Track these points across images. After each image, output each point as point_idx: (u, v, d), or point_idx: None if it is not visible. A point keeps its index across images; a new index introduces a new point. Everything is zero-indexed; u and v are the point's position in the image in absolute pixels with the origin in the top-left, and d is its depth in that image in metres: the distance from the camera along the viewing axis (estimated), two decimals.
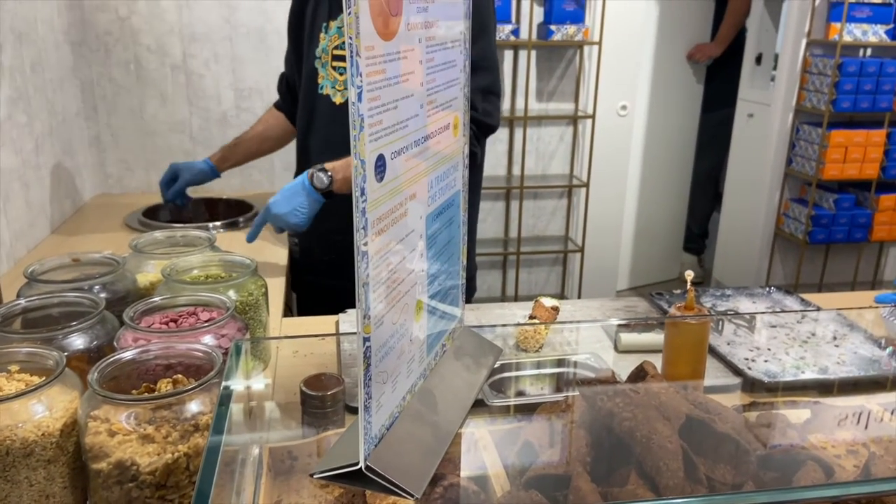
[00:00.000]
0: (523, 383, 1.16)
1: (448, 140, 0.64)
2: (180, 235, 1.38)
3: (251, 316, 1.14)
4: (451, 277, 0.70)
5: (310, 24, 1.56)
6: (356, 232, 0.46)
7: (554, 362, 1.19)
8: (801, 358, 1.22)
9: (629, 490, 0.67)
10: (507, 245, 3.31)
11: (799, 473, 0.68)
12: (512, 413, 1.04)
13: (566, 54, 3.12)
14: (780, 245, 3.44)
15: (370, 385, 0.51)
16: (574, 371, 1.17)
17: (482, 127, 1.52)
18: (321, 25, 1.56)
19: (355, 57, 0.43)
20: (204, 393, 0.82)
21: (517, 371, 1.17)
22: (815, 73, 3.11)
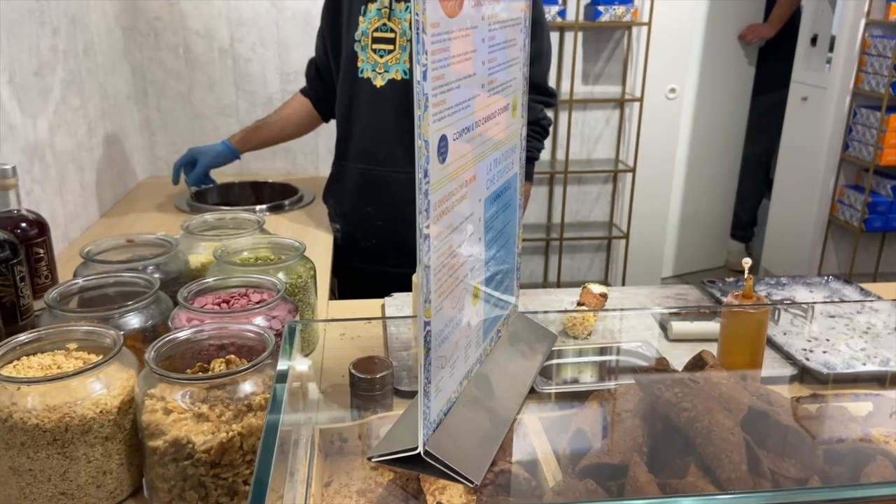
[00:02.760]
0: (572, 371, 1.14)
1: (507, 121, 0.63)
2: (230, 218, 1.39)
3: (300, 298, 1.14)
4: (506, 262, 0.69)
5: (348, 6, 1.55)
6: (419, 214, 0.45)
7: (603, 350, 1.17)
8: (862, 349, 1.17)
9: (689, 482, 0.65)
10: (549, 231, 3.28)
11: (868, 469, 0.65)
12: (562, 400, 1.02)
13: (614, 35, 3.05)
14: (833, 233, 3.33)
15: (430, 370, 0.50)
16: (623, 359, 1.14)
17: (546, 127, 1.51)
18: (360, 8, 1.54)
19: (421, 34, 0.42)
20: (256, 374, 0.82)
21: (566, 358, 1.15)
22: (874, 54, 2.99)
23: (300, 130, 1.93)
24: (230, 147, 1.92)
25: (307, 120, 1.88)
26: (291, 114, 1.87)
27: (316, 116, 1.87)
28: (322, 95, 1.80)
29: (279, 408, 0.63)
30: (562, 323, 1.20)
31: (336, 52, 1.61)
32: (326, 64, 1.70)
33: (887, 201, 3.06)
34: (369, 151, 1.58)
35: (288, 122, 1.88)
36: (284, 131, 1.91)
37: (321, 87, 1.78)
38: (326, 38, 1.65)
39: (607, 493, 0.68)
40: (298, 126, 1.90)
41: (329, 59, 1.67)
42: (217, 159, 1.93)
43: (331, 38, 1.62)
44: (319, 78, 1.77)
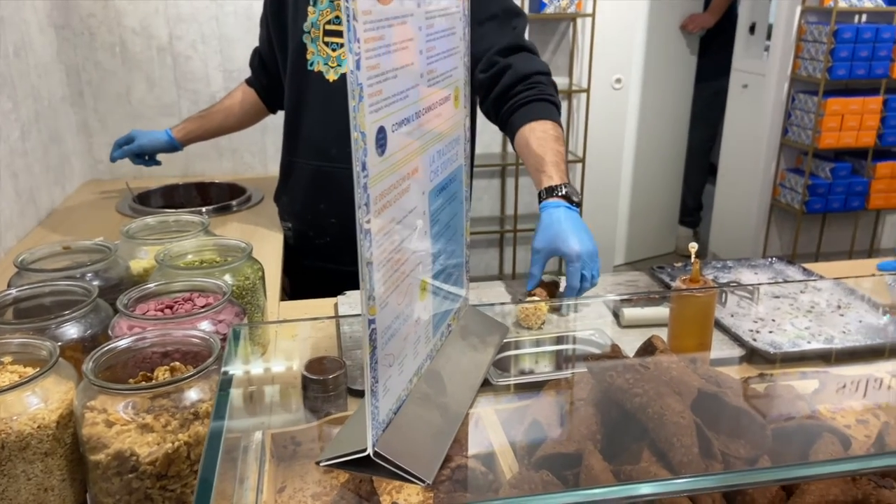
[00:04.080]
0: (527, 361, 1.14)
1: (449, 112, 0.62)
2: (173, 220, 1.35)
3: (248, 300, 1.11)
4: (454, 255, 0.68)
5: None
6: (358, 209, 0.44)
7: (557, 339, 1.18)
8: (806, 328, 1.20)
9: (643, 468, 0.65)
10: (503, 223, 3.29)
11: (816, 446, 0.66)
12: (517, 391, 1.02)
13: (559, 28, 3.07)
14: (776, 216, 3.43)
15: (377, 368, 0.49)
16: (577, 348, 1.15)
17: None
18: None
19: (352, 21, 0.40)
20: (203, 380, 0.80)
21: (520, 349, 1.15)
22: (810, 40, 3.08)
23: (245, 121, 1.88)
24: (170, 135, 1.87)
25: (253, 110, 1.83)
26: (235, 104, 1.83)
27: (262, 107, 1.82)
28: (267, 85, 1.75)
29: (223, 414, 0.61)
30: (515, 315, 1.20)
31: (282, 43, 1.56)
32: (271, 54, 1.65)
33: (826, 183, 3.16)
34: (321, 147, 1.55)
35: (231, 111, 1.83)
36: (228, 121, 1.86)
37: (266, 76, 1.74)
38: (270, 27, 1.60)
39: (563, 484, 0.68)
40: (243, 116, 1.85)
41: (273, 49, 1.62)
42: (153, 144, 1.88)
43: (275, 28, 1.57)
44: (264, 68, 1.73)
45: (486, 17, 1.37)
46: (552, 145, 1.28)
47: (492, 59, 1.34)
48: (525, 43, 1.39)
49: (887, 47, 2.99)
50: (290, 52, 1.52)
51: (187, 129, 1.87)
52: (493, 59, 1.34)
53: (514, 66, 1.33)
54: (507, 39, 1.35)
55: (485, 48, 1.35)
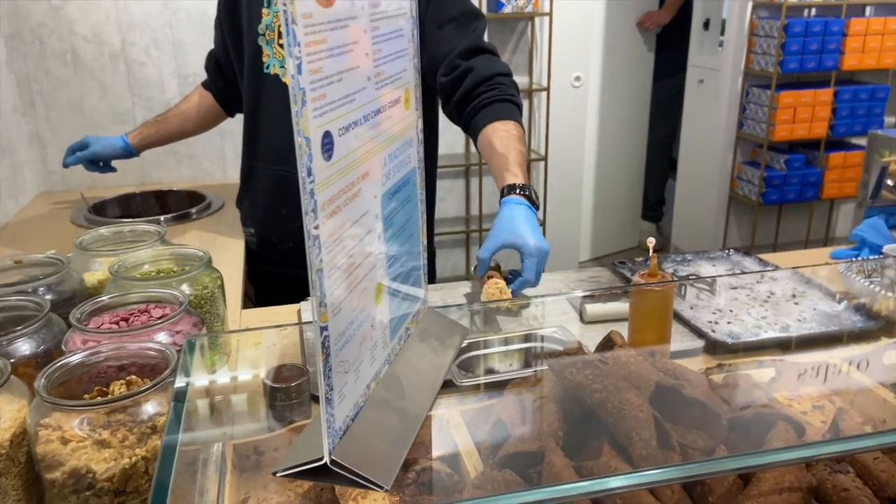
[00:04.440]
0: (492, 361, 1.15)
1: (399, 115, 0.62)
2: (128, 230, 1.32)
3: (207, 310, 1.10)
4: (411, 258, 0.68)
5: None
6: (305, 215, 0.43)
7: (521, 338, 1.18)
8: (763, 317, 1.23)
9: (603, 462, 0.66)
10: (468, 223, 3.29)
11: (771, 434, 0.68)
12: (482, 391, 1.02)
13: (518, 27, 3.09)
14: (735, 208, 3.49)
15: (331, 376, 0.48)
16: (542, 345, 1.16)
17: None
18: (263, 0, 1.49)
19: (291, 25, 0.40)
20: (160, 393, 0.78)
21: (485, 349, 1.15)
22: (761, 35, 3.14)
23: (203, 125, 1.85)
24: (126, 141, 1.83)
25: (210, 114, 1.80)
26: (192, 108, 1.79)
27: (219, 111, 1.79)
28: (224, 89, 1.73)
29: (177, 427, 0.60)
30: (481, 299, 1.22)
31: (237, 46, 1.54)
32: (226, 57, 1.63)
33: (781, 175, 3.23)
34: (280, 151, 1.53)
35: (188, 116, 1.80)
36: (185, 126, 1.83)
37: (222, 80, 1.71)
38: (224, 29, 1.58)
39: (526, 482, 0.68)
40: (200, 120, 1.82)
41: (229, 52, 1.60)
42: (108, 150, 1.84)
43: (230, 31, 1.55)
44: (220, 71, 1.70)
45: (446, 20, 1.37)
46: (515, 145, 1.30)
47: (453, 62, 1.35)
48: (485, 45, 1.40)
49: (836, 40, 3.06)
50: (246, 55, 1.50)
51: (143, 134, 1.83)
52: (455, 62, 1.35)
53: (476, 69, 1.34)
54: (468, 42, 1.36)
55: (446, 51, 1.36)
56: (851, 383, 1.02)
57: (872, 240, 1.45)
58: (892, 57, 3.15)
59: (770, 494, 0.60)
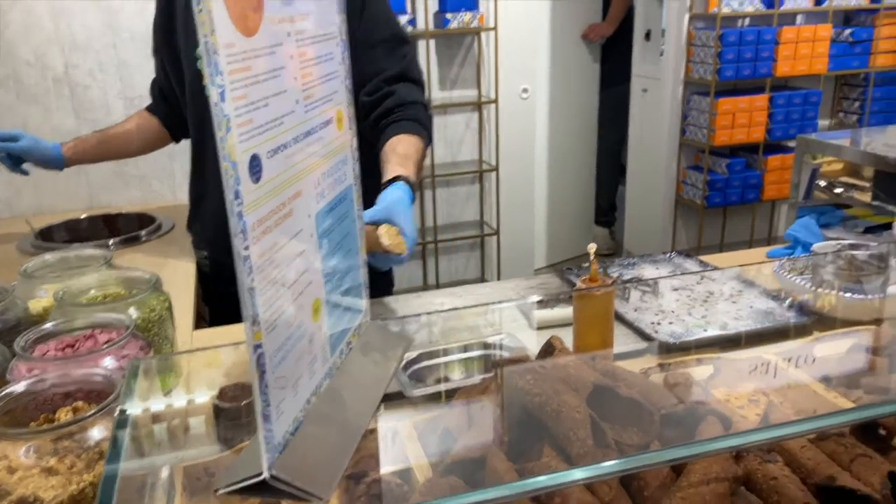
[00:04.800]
0: (443, 370, 1.17)
1: (332, 135, 0.64)
2: (74, 256, 1.31)
3: (156, 332, 1.09)
4: (350, 274, 0.69)
5: (183, 22, 1.49)
6: (233, 237, 0.45)
7: (471, 347, 1.21)
8: (703, 317, 1.28)
9: (543, 463, 0.68)
10: (424, 234, 3.32)
11: (700, 428, 0.71)
12: (432, 401, 1.04)
13: (465, 42, 3.14)
14: (681, 211, 3.59)
15: (267, 393, 0.50)
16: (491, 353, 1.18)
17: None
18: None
19: (213, 55, 0.42)
20: (107, 418, 0.78)
21: (436, 359, 1.17)
22: (699, 45, 3.25)
23: (145, 147, 1.80)
24: (60, 152, 1.73)
25: (153, 138, 1.77)
26: (134, 129, 1.75)
27: (164, 135, 1.77)
28: (170, 114, 1.71)
29: (118, 455, 0.60)
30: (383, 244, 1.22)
31: (177, 72, 1.54)
32: (168, 83, 1.63)
33: (723, 178, 3.34)
34: None
35: (130, 138, 1.75)
36: (128, 147, 1.78)
37: (167, 106, 1.70)
38: (164, 58, 1.58)
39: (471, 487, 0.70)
40: (145, 142, 1.78)
41: (170, 78, 1.60)
42: (41, 151, 1.72)
43: (168, 57, 1.55)
44: (164, 98, 1.69)
45: (378, 41, 1.42)
46: (416, 156, 1.36)
47: (378, 84, 1.42)
48: (412, 73, 1.46)
49: (769, 48, 3.19)
50: (187, 79, 1.50)
51: (78, 148, 1.75)
52: (380, 85, 1.42)
53: (396, 93, 1.41)
54: (396, 68, 1.42)
55: (373, 72, 1.42)
56: (785, 377, 1.07)
57: (804, 238, 1.52)
58: (823, 63, 3.29)
59: (699, 485, 0.64)
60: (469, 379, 1.11)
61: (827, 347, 1.16)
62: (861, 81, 3.54)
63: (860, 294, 1.22)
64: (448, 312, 1.32)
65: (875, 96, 3.50)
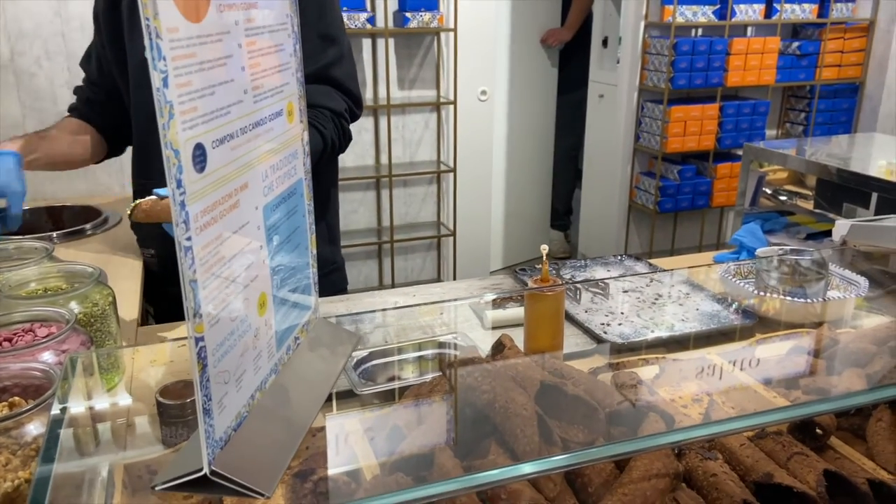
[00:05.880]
0: (393, 369, 1.16)
1: (282, 127, 0.63)
2: (13, 247, 1.27)
3: (98, 328, 1.06)
4: (298, 269, 0.69)
5: (129, 11, 1.43)
6: (175, 227, 0.44)
7: (422, 346, 1.21)
8: (651, 318, 1.30)
9: (490, 460, 0.68)
10: (380, 234, 3.30)
11: (643, 425, 0.72)
12: (381, 400, 1.04)
13: (424, 41, 3.14)
14: (634, 216, 3.66)
15: (208, 387, 0.49)
16: (441, 352, 1.18)
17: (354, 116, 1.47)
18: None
19: (155, 40, 0.41)
20: (44, 414, 0.76)
21: (387, 357, 1.17)
22: (654, 53, 3.32)
23: (89, 157, 1.62)
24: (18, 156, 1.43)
25: (96, 146, 1.61)
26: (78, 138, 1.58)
27: (102, 143, 1.62)
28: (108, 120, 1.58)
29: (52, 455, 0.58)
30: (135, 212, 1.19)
31: (121, 65, 1.48)
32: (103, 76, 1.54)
33: (675, 184, 3.41)
34: None
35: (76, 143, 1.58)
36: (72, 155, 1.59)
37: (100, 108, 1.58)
38: (108, 52, 1.50)
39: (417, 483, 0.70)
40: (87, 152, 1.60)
41: (112, 74, 1.52)
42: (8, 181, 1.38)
43: (113, 50, 1.48)
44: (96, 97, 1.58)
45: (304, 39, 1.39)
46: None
47: None
48: (333, 74, 1.40)
49: (720, 58, 3.27)
50: (133, 70, 1.45)
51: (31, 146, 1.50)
52: None
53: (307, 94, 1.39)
54: (314, 67, 1.36)
55: None
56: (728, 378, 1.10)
57: (749, 244, 1.56)
58: (771, 74, 3.39)
59: (640, 481, 0.65)
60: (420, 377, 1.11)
61: (769, 349, 1.20)
62: (807, 93, 3.66)
63: (802, 298, 1.26)
64: (401, 310, 1.32)
65: (820, 108, 3.62)
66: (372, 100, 3.09)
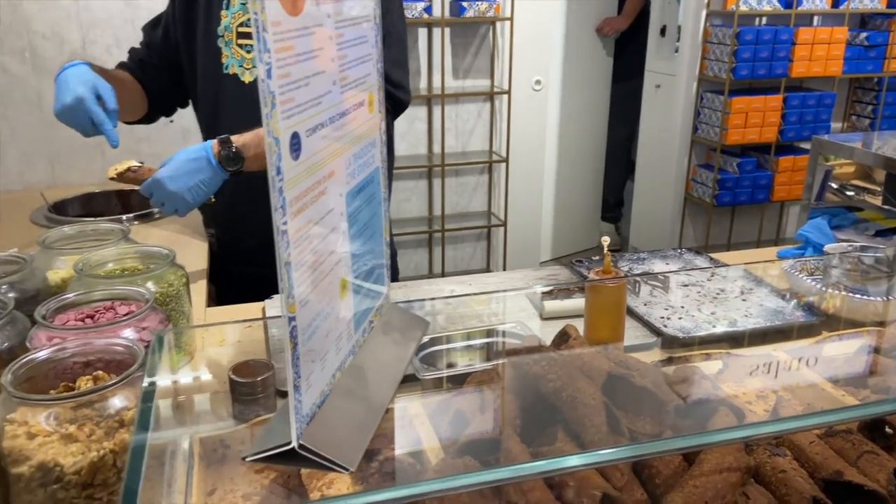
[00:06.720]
0: (453, 356, 1.18)
1: (364, 117, 0.65)
2: (91, 229, 1.32)
3: (173, 307, 1.11)
4: (374, 254, 0.70)
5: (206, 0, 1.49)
6: (274, 212, 0.46)
7: (482, 333, 1.22)
8: (712, 313, 1.29)
9: (557, 448, 0.69)
10: (431, 223, 3.33)
11: (713, 419, 0.72)
12: (443, 385, 1.06)
13: (480, 31, 3.14)
14: (690, 209, 3.59)
15: (298, 364, 0.51)
16: (501, 340, 1.19)
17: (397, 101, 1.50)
18: (222, 2, 1.50)
19: (262, 33, 0.43)
20: (127, 388, 0.80)
21: (445, 344, 1.19)
22: (715, 42, 3.24)
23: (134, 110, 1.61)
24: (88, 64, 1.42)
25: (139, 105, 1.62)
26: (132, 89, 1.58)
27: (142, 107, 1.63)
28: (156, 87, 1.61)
29: (147, 424, 0.62)
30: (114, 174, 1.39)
31: (190, 45, 1.54)
32: (172, 59, 1.58)
33: (734, 178, 3.34)
34: None
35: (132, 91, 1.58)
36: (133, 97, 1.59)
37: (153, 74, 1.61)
38: (178, 33, 1.56)
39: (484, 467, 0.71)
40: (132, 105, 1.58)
41: (177, 52, 1.58)
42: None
43: (184, 34, 1.54)
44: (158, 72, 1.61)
45: None
46: None
47: None
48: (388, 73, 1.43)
49: (786, 48, 3.18)
50: (201, 56, 1.51)
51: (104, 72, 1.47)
52: None
53: None
54: None
55: None
56: (793, 375, 1.08)
57: (816, 240, 1.52)
58: (838, 65, 3.28)
59: (711, 474, 0.65)
60: (481, 364, 1.13)
61: (836, 347, 1.17)
62: (875, 85, 3.53)
63: (868, 296, 1.23)
64: (457, 299, 1.33)
65: (888, 101, 3.49)
66: (426, 89, 3.11)
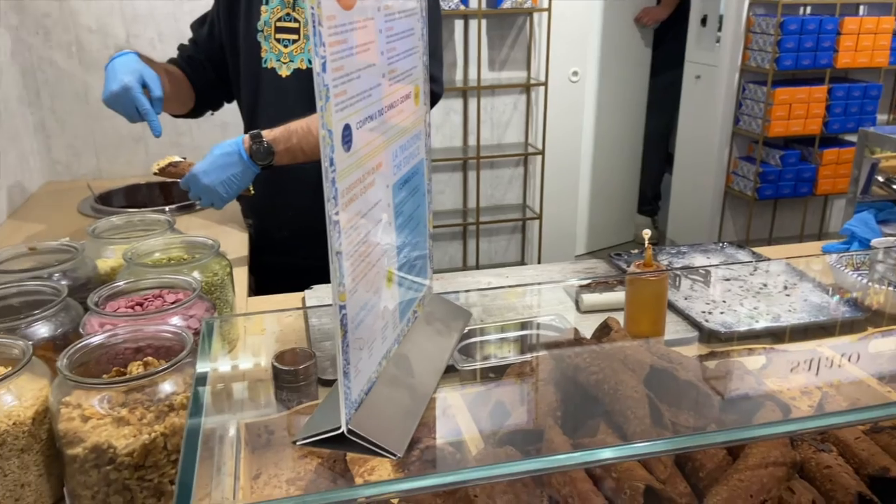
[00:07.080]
0: (491, 347, 1.18)
1: (410, 109, 0.65)
2: (138, 220, 1.36)
3: (217, 296, 1.13)
4: (418, 245, 0.71)
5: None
6: (327, 202, 0.47)
7: (519, 325, 1.22)
8: (755, 308, 1.27)
9: (599, 439, 0.70)
10: (466, 215, 3.33)
11: (759, 413, 0.72)
12: (482, 377, 1.06)
13: (516, 22, 3.12)
14: (730, 202, 3.53)
15: (348, 351, 0.52)
16: (539, 332, 1.19)
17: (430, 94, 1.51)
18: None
19: (318, 27, 0.43)
20: (176, 373, 0.82)
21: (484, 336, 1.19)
22: (758, 32, 3.18)
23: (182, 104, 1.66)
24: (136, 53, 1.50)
25: (186, 100, 1.67)
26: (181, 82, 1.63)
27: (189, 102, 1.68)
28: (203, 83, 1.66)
29: (200, 408, 0.64)
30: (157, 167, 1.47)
31: (233, 44, 1.57)
32: (218, 55, 1.63)
33: (776, 170, 3.27)
34: None
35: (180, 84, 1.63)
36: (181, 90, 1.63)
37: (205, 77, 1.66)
38: (222, 28, 1.60)
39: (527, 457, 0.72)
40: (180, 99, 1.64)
41: (216, 51, 1.62)
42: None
43: (227, 28, 1.58)
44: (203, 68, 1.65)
45: None
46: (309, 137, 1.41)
47: None
48: None
49: (831, 38, 3.10)
50: (243, 51, 1.54)
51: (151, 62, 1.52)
52: None
53: None
54: None
55: None
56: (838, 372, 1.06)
57: (862, 234, 1.49)
58: (884, 56, 3.19)
59: (757, 468, 0.64)
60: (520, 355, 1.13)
61: (881, 344, 1.15)
62: None
63: None
64: (493, 291, 1.34)
65: None
66: (462, 81, 3.11)
